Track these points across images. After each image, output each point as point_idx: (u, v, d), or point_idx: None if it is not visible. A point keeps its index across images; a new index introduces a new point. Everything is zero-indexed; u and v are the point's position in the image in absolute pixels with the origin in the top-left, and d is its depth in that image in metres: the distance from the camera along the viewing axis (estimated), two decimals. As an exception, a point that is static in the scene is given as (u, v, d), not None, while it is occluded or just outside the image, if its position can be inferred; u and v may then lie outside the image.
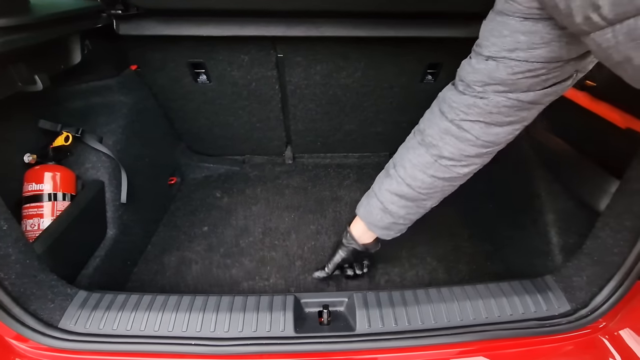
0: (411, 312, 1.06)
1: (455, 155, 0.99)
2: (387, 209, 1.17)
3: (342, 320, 1.10)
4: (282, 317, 1.05)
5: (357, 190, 2.06)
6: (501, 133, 0.94)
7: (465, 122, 0.94)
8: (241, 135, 2.03)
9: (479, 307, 1.08)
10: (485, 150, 0.98)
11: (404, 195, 1.12)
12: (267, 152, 2.18)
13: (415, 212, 1.18)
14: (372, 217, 1.23)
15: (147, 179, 1.74)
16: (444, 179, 1.05)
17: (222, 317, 1.04)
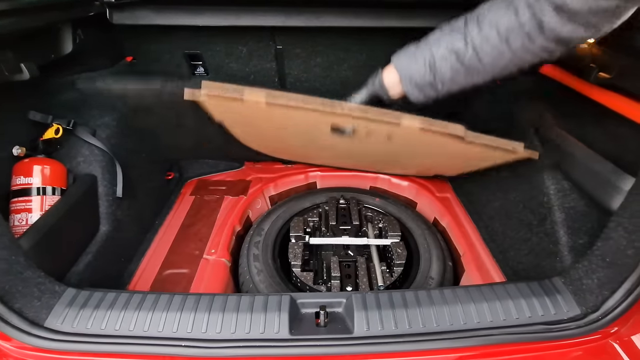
0: (412, 315, 1.02)
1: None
2: (435, 65, 1.08)
3: (340, 322, 1.05)
4: (277, 318, 1.00)
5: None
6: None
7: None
8: None
9: (483, 310, 1.03)
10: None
11: (462, 57, 1.03)
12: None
13: (458, 82, 1.10)
14: (412, 68, 1.14)
15: (143, 174, 1.70)
16: (514, 54, 0.99)
17: (214, 318, 1.00)
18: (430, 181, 2.14)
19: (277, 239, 1.77)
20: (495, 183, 1.67)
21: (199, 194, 2.01)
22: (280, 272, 1.60)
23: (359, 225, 1.83)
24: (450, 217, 1.87)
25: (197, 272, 1.51)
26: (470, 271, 1.57)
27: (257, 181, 2.15)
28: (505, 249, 1.55)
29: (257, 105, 1.18)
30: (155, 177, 1.85)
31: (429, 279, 1.54)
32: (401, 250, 1.63)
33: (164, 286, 1.45)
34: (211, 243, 1.67)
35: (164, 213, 1.85)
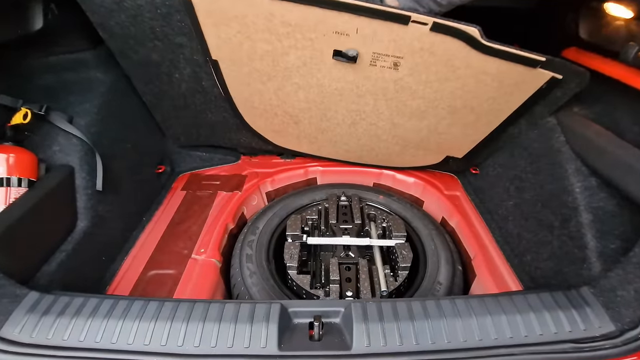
0: (420, 328, 0.88)
1: None
2: None
3: (337, 335, 0.92)
4: (265, 330, 0.88)
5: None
6: None
7: None
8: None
9: (501, 324, 0.90)
10: None
11: None
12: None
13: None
14: None
15: (128, 167, 1.58)
16: None
17: (192, 328, 0.88)
18: (438, 178, 2.00)
19: (272, 238, 1.65)
20: (510, 180, 1.52)
21: (190, 189, 1.89)
22: (275, 274, 1.48)
23: (361, 224, 1.70)
24: (459, 217, 1.73)
25: (184, 273, 1.39)
26: (482, 276, 1.44)
27: (253, 176, 2.02)
28: (521, 252, 1.41)
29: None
30: (144, 170, 1.73)
31: (437, 284, 1.40)
32: (406, 252, 1.49)
33: (147, 288, 1.33)
34: (201, 242, 1.55)
35: (153, 209, 1.73)
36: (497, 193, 1.63)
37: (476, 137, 1.54)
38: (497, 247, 1.52)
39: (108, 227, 1.41)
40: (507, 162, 1.53)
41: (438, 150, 1.74)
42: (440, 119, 1.48)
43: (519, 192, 1.45)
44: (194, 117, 1.76)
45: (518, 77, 1.17)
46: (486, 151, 1.66)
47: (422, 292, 1.38)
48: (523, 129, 1.39)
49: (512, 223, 1.49)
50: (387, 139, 1.71)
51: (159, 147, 1.88)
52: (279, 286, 1.41)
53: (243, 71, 1.40)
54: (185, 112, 1.71)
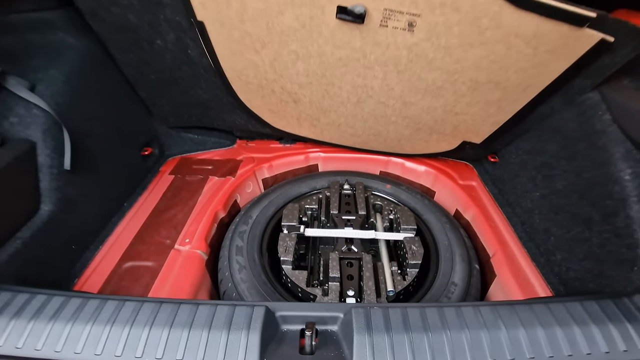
0: (436, 342, 0.71)
1: None
2: None
3: (334, 346, 0.76)
4: (244, 340, 0.71)
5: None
6: None
7: None
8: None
9: (538, 339, 0.72)
10: None
11: None
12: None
13: None
14: None
15: (107, 147, 1.41)
16: None
17: (156, 335, 0.71)
18: (451, 167, 1.81)
19: (267, 229, 1.48)
20: (536, 168, 1.33)
21: (179, 174, 1.73)
22: (268, 269, 1.31)
23: (366, 215, 1.52)
24: (476, 209, 1.55)
25: (164, 266, 1.23)
26: (503, 276, 1.26)
27: (249, 161, 1.85)
28: (549, 250, 1.23)
29: None
30: (126, 152, 1.57)
31: (452, 285, 1.23)
32: (417, 247, 1.32)
33: (121, 283, 1.18)
34: (186, 231, 1.39)
35: (137, 194, 1.57)
36: (520, 183, 1.44)
37: (499, 118, 1.35)
38: (519, 244, 1.34)
39: (80, 212, 1.25)
40: (534, 147, 1.33)
41: (454, 135, 1.55)
42: (458, 96, 1.28)
43: (548, 182, 1.25)
44: (183, 94, 1.58)
45: (558, 40, 0.97)
46: (509, 135, 1.46)
47: (434, 293, 1.20)
48: (556, 108, 1.20)
49: (538, 217, 1.30)
50: (396, 120, 1.52)
51: (145, 128, 1.72)
52: (272, 283, 1.25)
53: (233, 36, 1.22)
54: (172, 88, 1.53)
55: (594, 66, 1.03)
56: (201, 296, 1.22)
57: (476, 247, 1.46)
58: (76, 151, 1.20)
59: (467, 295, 1.22)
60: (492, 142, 1.53)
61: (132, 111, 1.58)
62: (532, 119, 1.31)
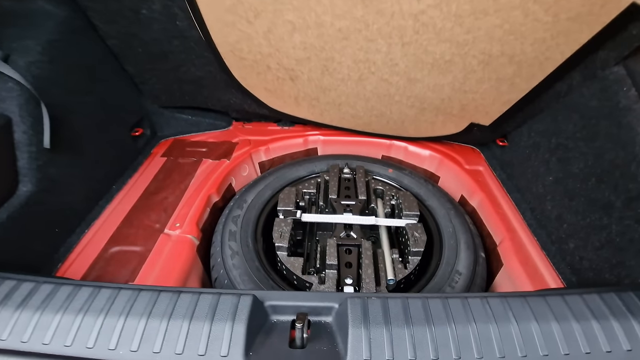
0: (440, 336, 0.65)
1: None
2: None
3: (327, 339, 0.69)
4: (228, 331, 0.65)
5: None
6: None
7: None
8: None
9: (553, 334, 0.65)
10: None
11: None
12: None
13: None
14: None
15: (93, 125, 1.34)
16: None
17: (131, 325, 0.65)
18: (457, 151, 1.72)
19: (262, 213, 1.42)
20: (550, 151, 1.24)
21: (172, 155, 1.65)
22: (262, 255, 1.25)
23: (366, 200, 1.45)
24: (482, 195, 1.47)
25: (153, 251, 1.17)
26: (510, 265, 1.19)
27: (245, 143, 1.77)
28: (562, 238, 1.15)
29: None
30: (114, 131, 1.49)
31: (455, 273, 1.16)
32: (419, 234, 1.25)
33: (107, 268, 1.12)
34: (177, 215, 1.32)
35: (127, 176, 1.50)
36: (531, 167, 1.35)
37: (511, 96, 1.25)
38: (529, 231, 1.27)
39: (64, 194, 1.19)
40: (549, 128, 1.24)
41: (461, 115, 1.45)
42: (468, 72, 1.19)
43: (562, 165, 1.17)
44: (174, 71, 1.49)
45: (582, 6, 0.87)
46: (520, 116, 1.37)
47: (437, 282, 1.14)
48: (575, 84, 1.10)
49: (550, 203, 1.22)
50: (400, 100, 1.43)
51: (136, 106, 1.63)
52: (266, 270, 1.18)
53: (224, 4, 1.12)
54: (162, 64, 1.44)
55: (621, 36, 0.93)
56: (191, 283, 1.16)
57: (482, 235, 1.38)
58: (57, 128, 1.12)
59: (472, 285, 1.15)
60: (502, 123, 1.44)
61: (119, 88, 1.49)
62: (548, 98, 1.21)
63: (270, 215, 1.41)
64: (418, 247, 1.21)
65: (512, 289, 1.14)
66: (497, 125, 1.45)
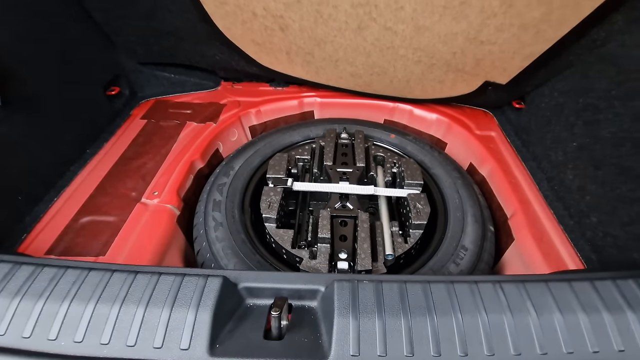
0: (443, 328, 0.54)
1: None
2: None
3: (309, 329, 0.59)
4: (191, 319, 0.54)
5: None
6: None
7: None
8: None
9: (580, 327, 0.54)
10: None
11: None
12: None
13: None
14: None
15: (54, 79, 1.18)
16: None
17: (77, 311, 0.55)
18: (467, 114, 1.56)
19: (250, 182, 1.29)
20: (576, 113, 1.08)
21: (153, 118, 1.51)
22: (250, 227, 1.14)
23: (365, 168, 1.32)
24: (493, 163, 1.33)
25: (127, 222, 1.07)
26: (522, 240, 1.07)
27: (234, 105, 1.61)
28: (582, 212, 1.02)
29: None
30: (84, 89, 1.34)
31: (461, 249, 1.05)
32: (422, 205, 1.12)
33: (76, 239, 1.02)
34: (156, 182, 1.20)
35: (102, 140, 1.37)
36: (551, 132, 1.20)
37: (535, 48, 1.08)
38: (544, 203, 1.14)
39: (24, 157, 1.06)
40: (577, 86, 1.07)
41: (474, 73, 1.28)
42: (486, 17, 1.00)
43: (590, 129, 1.01)
44: (147, 19, 1.31)
45: None
46: (543, 73, 1.19)
47: (440, 259, 1.03)
48: (615, 29, 0.92)
49: (571, 172, 1.08)
50: (406, 54, 1.25)
51: (109, 61, 1.46)
52: (252, 243, 1.08)
53: None
54: (132, 9, 1.26)
55: None
56: (171, 256, 1.07)
57: (491, 207, 1.26)
58: (10, 81, 0.97)
59: (479, 262, 1.04)
60: (521, 82, 1.27)
61: (87, 38, 1.32)
62: (579, 49, 1.03)
63: (259, 184, 1.29)
64: (420, 220, 1.09)
65: (523, 267, 1.03)
66: (514, 85, 1.28)
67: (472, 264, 1.03)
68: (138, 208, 1.11)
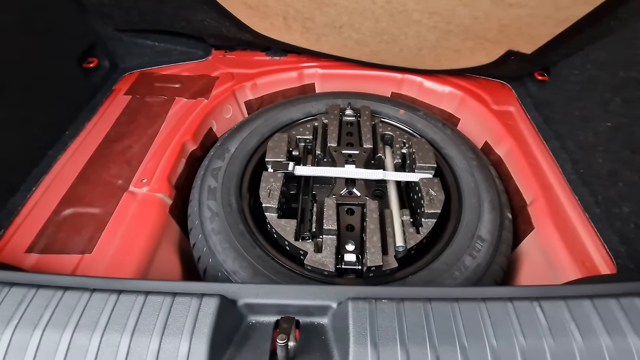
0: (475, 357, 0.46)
1: None
2: None
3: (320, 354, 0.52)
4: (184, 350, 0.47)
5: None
6: None
7: None
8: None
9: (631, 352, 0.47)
10: None
11: None
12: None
13: None
14: None
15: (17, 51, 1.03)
16: None
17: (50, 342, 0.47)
18: (483, 86, 1.43)
19: (248, 165, 1.19)
20: (613, 89, 0.96)
21: (138, 93, 1.37)
22: (248, 216, 1.06)
23: (373, 149, 1.21)
24: (512, 142, 1.22)
25: (114, 214, 0.97)
26: (543, 229, 1.00)
27: (227, 78, 1.47)
28: (612, 200, 0.94)
29: None
30: (56, 61, 1.18)
31: (477, 239, 0.98)
32: (436, 192, 1.03)
33: (58, 234, 0.93)
34: (144, 168, 1.10)
35: (82, 120, 1.24)
36: (580, 109, 1.08)
37: (573, 12, 0.93)
38: (568, 188, 1.05)
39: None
40: (618, 56, 0.94)
41: (497, 40, 1.13)
42: None
43: (630, 107, 0.90)
44: None
45: None
46: (577, 41, 1.05)
47: (455, 250, 0.96)
48: None
49: (602, 155, 0.98)
50: (420, 18, 1.10)
51: (80, 26, 1.29)
52: (252, 234, 1.00)
53: None
54: None
55: None
56: (164, 250, 0.99)
57: (508, 191, 1.17)
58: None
59: (497, 252, 0.97)
60: (548, 52, 1.13)
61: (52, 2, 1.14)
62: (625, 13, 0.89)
63: (257, 167, 1.19)
64: (434, 209, 1.00)
65: (543, 259, 0.96)
66: (541, 54, 1.14)
67: (489, 256, 0.95)
68: (125, 198, 1.01)
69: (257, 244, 0.98)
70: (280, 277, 0.90)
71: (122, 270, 0.85)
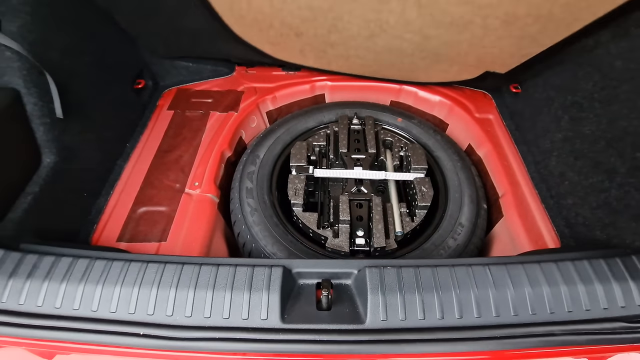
0: (446, 300, 0.76)
1: None
2: None
3: (348, 302, 0.81)
4: (265, 299, 0.76)
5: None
6: None
7: None
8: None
9: (542, 296, 0.76)
10: None
11: None
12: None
13: None
14: None
15: (94, 84, 1.30)
16: None
17: (182, 296, 0.76)
18: (468, 97, 1.69)
19: (275, 168, 1.47)
20: (564, 108, 1.23)
21: (179, 108, 1.63)
22: (279, 209, 1.34)
23: (376, 153, 1.49)
24: (489, 146, 1.50)
25: (178, 211, 1.26)
26: (510, 217, 1.28)
27: (251, 92, 1.73)
28: (561, 194, 1.22)
29: None
30: (117, 87, 1.45)
31: (458, 226, 1.26)
32: (427, 188, 1.32)
33: (139, 227, 1.21)
34: (194, 174, 1.37)
35: (138, 133, 1.51)
36: (542, 121, 1.35)
37: (531, 50, 1.20)
38: (531, 185, 1.33)
39: (83, 159, 1.22)
40: (566, 83, 1.21)
41: (477, 65, 1.40)
42: (489, 30, 1.11)
43: (574, 124, 1.18)
44: (167, 25, 1.38)
45: None
46: (539, 67, 1.32)
47: (441, 234, 1.25)
48: (603, 41, 1.04)
49: (555, 159, 1.26)
50: (413, 53, 1.36)
51: (133, 57, 1.55)
52: (284, 225, 1.28)
53: None
54: (155, 20, 1.33)
55: None
56: (217, 239, 1.27)
57: (486, 186, 1.46)
58: (64, 95, 1.10)
59: (473, 235, 1.26)
60: (518, 72, 1.39)
61: (115, 41, 1.40)
62: (571, 51, 1.15)
63: (282, 169, 1.47)
64: (425, 202, 1.29)
65: (509, 239, 1.25)
66: (512, 73, 1.41)
67: (467, 238, 1.25)
68: (184, 198, 1.29)
69: (288, 232, 1.26)
70: (308, 257, 1.19)
71: (192, 253, 1.14)
